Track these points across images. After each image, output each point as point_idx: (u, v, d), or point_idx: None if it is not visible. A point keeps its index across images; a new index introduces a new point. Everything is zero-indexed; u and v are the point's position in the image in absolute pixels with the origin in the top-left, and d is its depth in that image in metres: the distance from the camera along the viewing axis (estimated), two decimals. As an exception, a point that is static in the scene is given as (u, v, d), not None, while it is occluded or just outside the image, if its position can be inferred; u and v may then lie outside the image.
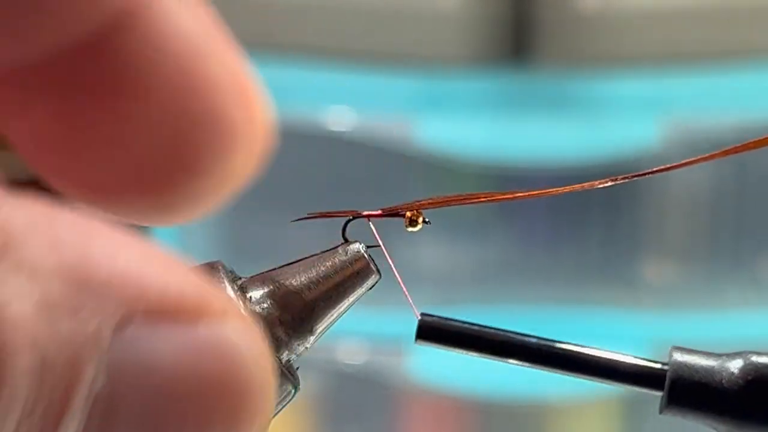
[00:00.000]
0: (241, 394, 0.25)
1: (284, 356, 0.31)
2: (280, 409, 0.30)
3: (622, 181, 0.32)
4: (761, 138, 0.30)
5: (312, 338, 0.31)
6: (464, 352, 0.32)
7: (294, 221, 0.34)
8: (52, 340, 0.24)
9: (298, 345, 0.31)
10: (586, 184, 0.33)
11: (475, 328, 0.32)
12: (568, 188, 0.33)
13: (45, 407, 0.24)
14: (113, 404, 0.24)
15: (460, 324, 0.32)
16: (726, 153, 0.30)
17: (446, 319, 0.32)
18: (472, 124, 0.98)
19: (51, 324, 0.24)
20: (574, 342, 0.31)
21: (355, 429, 1.07)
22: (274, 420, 0.31)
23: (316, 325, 0.31)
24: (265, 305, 0.31)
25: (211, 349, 0.25)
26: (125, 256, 0.25)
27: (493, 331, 0.32)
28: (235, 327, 0.26)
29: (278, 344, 0.30)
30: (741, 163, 1.01)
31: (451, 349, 0.32)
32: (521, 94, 0.97)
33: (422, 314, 0.32)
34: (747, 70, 0.97)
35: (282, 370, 0.30)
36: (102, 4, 0.27)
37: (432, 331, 0.32)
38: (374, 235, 0.33)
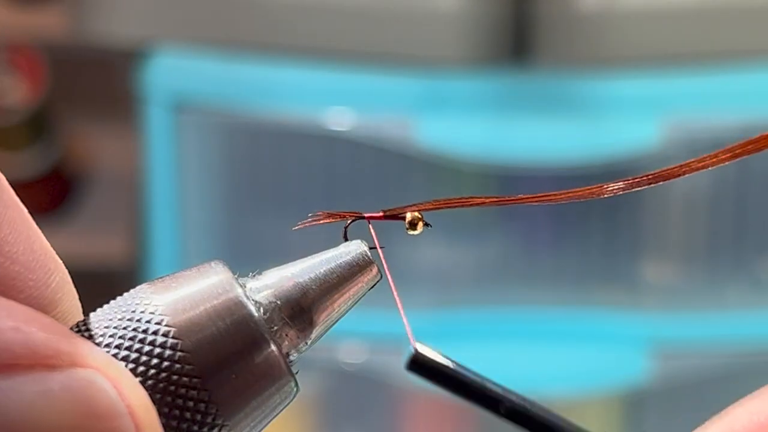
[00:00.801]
0: (105, 422, 0.25)
1: (285, 353, 0.31)
2: (282, 409, 0.30)
3: (632, 190, 0.32)
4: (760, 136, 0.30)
5: (314, 336, 0.31)
6: (451, 393, 0.32)
7: (297, 228, 0.34)
8: None
9: (301, 343, 0.31)
10: (586, 191, 0.33)
11: (465, 375, 0.32)
12: (569, 193, 0.33)
13: None
14: None
15: (452, 367, 0.32)
16: (732, 154, 0.30)
17: (438, 360, 0.31)
18: (472, 124, 0.98)
19: None
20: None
21: (355, 429, 1.07)
22: (274, 419, 0.31)
23: (319, 323, 0.31)
24: (270, 303, 0.31)
25: (65, 395, 0.25)
26: None
27: (481, 382, 0.32)
28: (88, 372, 0.26)
29: (281, 342, 0.31)
30: (741, 164, 1.01)
31: (439, 387, 0.32)
32: (521, 94, 0.97)
33: (417, 348, 0.31)
34: (747, 70, 0.97)
35: (288, 369, 0.30)
36: None
37: (424, 367, 0.31)
38: (376, 237, 0.33)
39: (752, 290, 1.03)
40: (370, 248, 0.32)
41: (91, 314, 0.30)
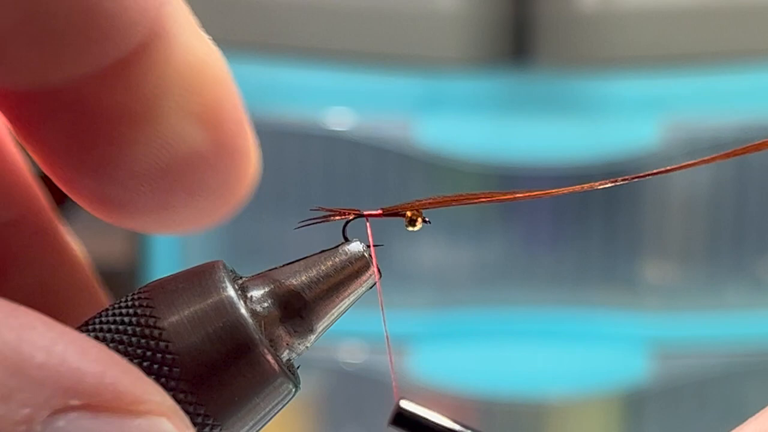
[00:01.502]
0: None
1: (284, 355, 0.31)
2: (281, 409, 0.30)
3: (622, 183, 0.32)
4: (762, 141, 0.30)
5: (312, 337, 0.31)
6: None
7: (297, 228, 0.34)
8: None
9: (299, 344, 0.31)
10: (586, 186, 0.33)
11: (450, 427, 0.32)
12: (568, 189, 0.33)
13: None
14: None
15: (436, 421, 0.32)
16: (727, 155, 0.30)
17: (423, 415, 0.31)
18: (472, 124, 0.98)
19: None
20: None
21: (355, 429, 1.07)
22: (274, 419, 0.31)
23: (317, 323, 0.31)
24: (266, 304, 0.31)
25: None
26: (62, 348, 0.25)
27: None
28: (170, 422, 0.26)
29: (279, 343, 0.30)
30: (741, 164, 1.01)
31: None
32: (521, 94, 0.97)
33: (400, 403, 0.32)
34: (747, 70, 0.97)
35: (282, 370, 0.30)
36: (126, 36, 0.28)
37: (407, 421, 0.32)
38: (375, 234, 0.33)
39: (752, 290, 1.03)
40: (368, 246, 0.32)
41: (90, 317, 0.30)
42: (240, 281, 0.31)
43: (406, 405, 0.31)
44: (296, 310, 0.31)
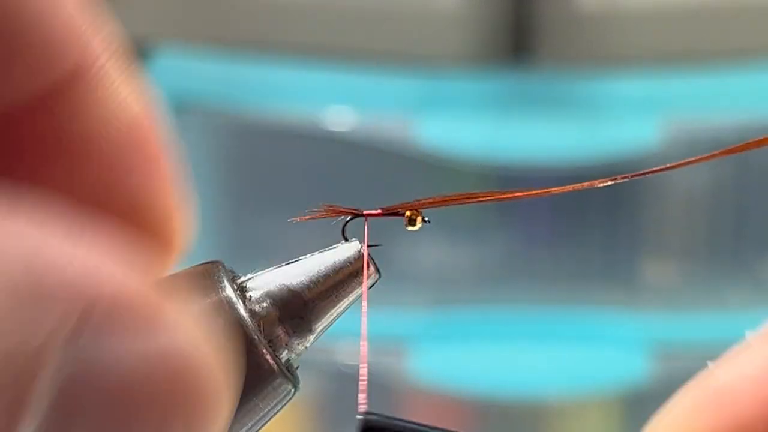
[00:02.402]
0: (195, 400, 0.25)
1: (284, 355, 0.31)
2: (280, 409, 0.30)
3: (621, 181, 0.32)
4: (761, 138, 0.30)
5: (311, 337, 0.31)
6: None
7: (293, 220, 0.34)
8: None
9: (298, 344, 0.31)
10: (586, 184, 0.33)
11: (419, 429, 0.31)
12: (568, 188, 0.33)
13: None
14: (69, 410, 0.24)
15: (404, 426, 0.31)
16: (726, 152, 0.30)
17: (390, 420, 0.31)
18: (472, 124, 0.97)
19: None
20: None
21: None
22: (273, 420, 0.31)
23: (316, 324, 0.31)
24: (265, 304, 0.31)
25: (165, 358, 0.25)
26: (80, 260, 0.25)
27: None
28: (188, 335, 0.25)
29: (277, 343, 0.30)
30: (741, 163, 1.01)
31: None
32: (521, 94, 0.97)
33: (366, 414, 0.31)
34: (747, 70, 0.97)
35: (281, 370, 0.30)
36: (52, 67, 0.28)
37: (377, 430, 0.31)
38: (374, 234, 0.33)
39: (752, 290, 1.03)
40: (369, 246, 0.32)
41: None
42: (239, 281, 0.31)
43: (371, 417, 0.31)
44: (295, 310, 0.31)
